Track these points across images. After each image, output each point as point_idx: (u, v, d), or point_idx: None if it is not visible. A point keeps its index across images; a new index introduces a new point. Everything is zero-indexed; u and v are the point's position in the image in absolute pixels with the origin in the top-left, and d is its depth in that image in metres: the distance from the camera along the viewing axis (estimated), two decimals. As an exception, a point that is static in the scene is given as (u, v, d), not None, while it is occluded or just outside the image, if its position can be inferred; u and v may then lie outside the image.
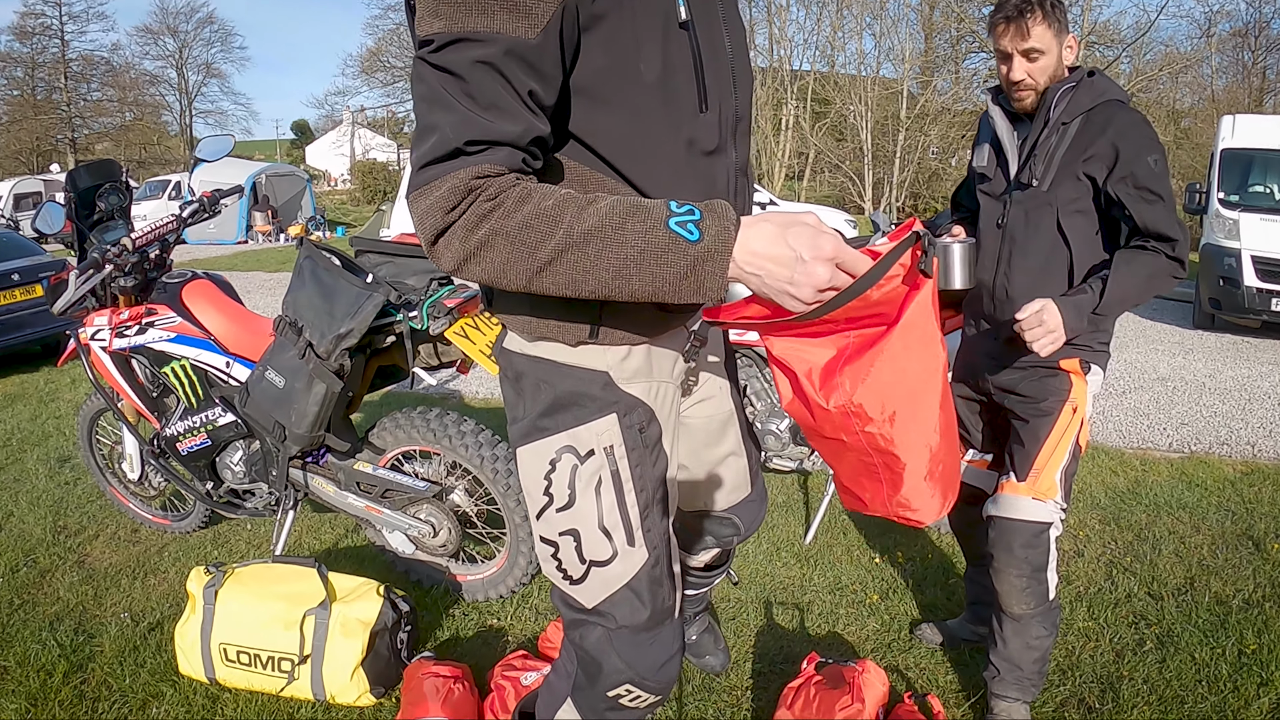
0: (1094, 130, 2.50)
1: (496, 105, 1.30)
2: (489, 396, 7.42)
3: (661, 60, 1.42)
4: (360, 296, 3.15)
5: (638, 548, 1.68)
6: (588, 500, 1.64)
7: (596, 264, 1.31)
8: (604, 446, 1.63)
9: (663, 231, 1.30)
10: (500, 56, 1.28)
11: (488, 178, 1.31)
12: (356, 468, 3.53)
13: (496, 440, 3.49)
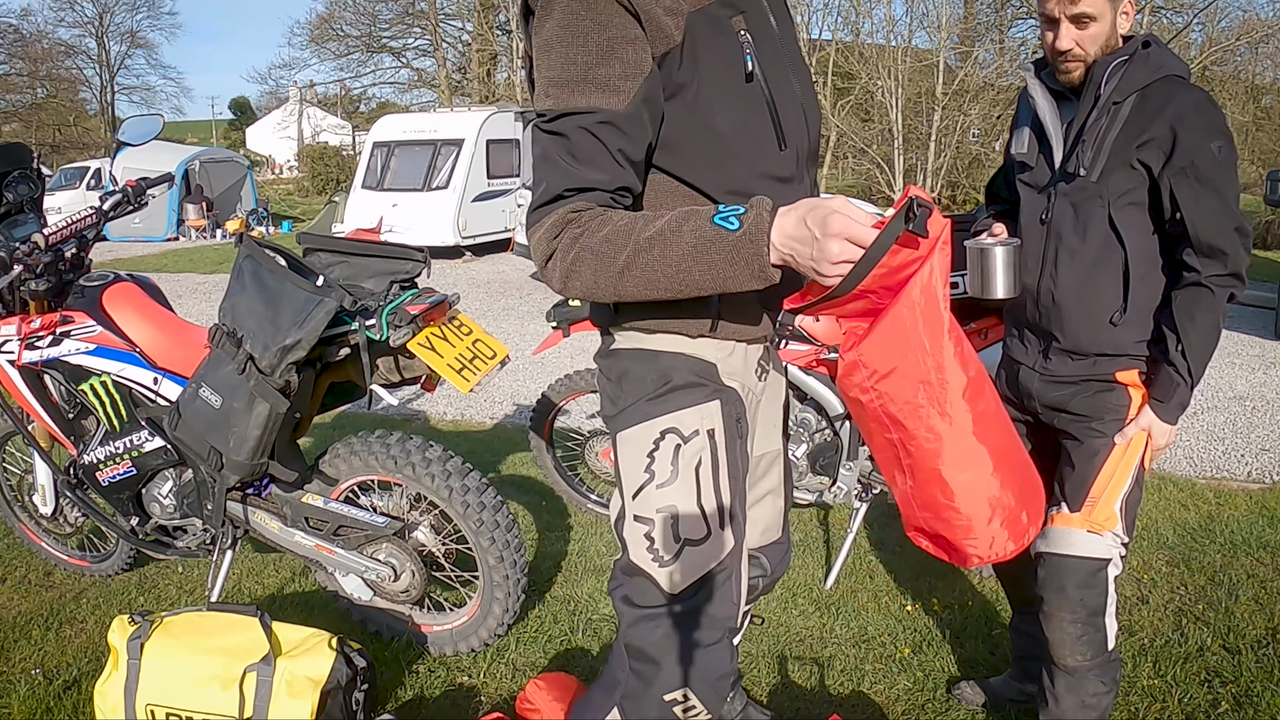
0: (1150, 111, 2.51)
1: (592, 161, 1.84)
2: (458, 418, 7.43)
3: (737, 112, 1.93)
4: (309, 302, 3.16)
5: (728, 533, 2.03)
6: (688, 479, 2.00)
7: (662, 262, 1.78)
8: (707, 429, 2.02)
9: (709, 226, 1.75)
10: (595, 125, 1.83)
11: (580, 211, 1.84)
12: (305, 501, 3.54)
13: (467, 469, 3.50)
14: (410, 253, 3.39)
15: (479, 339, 3.42)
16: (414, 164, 18.70)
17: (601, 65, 1.83)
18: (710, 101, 1.91)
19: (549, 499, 5.29)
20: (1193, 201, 2.47)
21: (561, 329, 4.64)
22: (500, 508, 3.49)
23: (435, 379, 3.57)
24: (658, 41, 1.86)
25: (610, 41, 1.83)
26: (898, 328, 1.76)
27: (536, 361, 9.05)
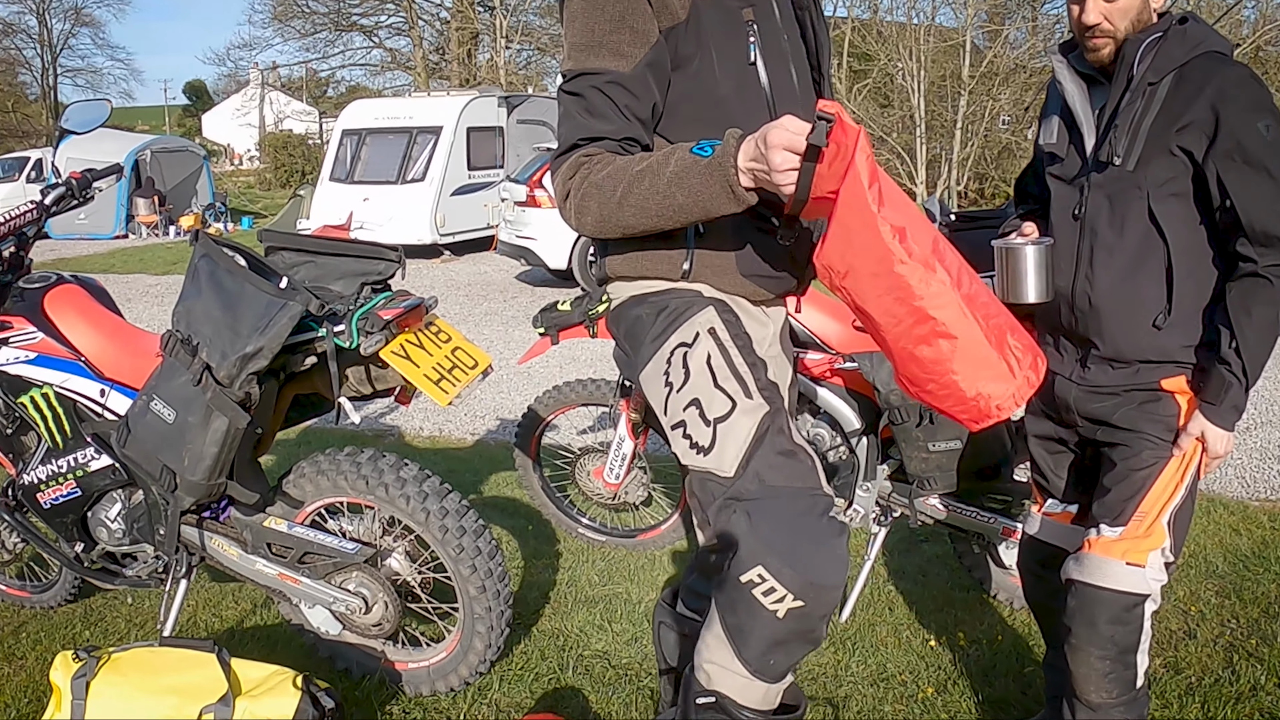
0: (1189, 91, 2.51)
1: (602, 114, 2.33)
2: (435, 434, 7.43)
3: (736, 88, 2.39)
4: (271, 306, 3.17)
5: (755, 399, 2.36)
6: (702, 372, 2.39)
7: (651, 190, 2.24)
8: (706, 329, 2.42)
9: (688, 156, 2.21)
10: (605, 84, 2.32)
11: (591, 155, 2.32)
12: (267, 525, 3.54)
13: (446, 490, 3.50)
14: (383, 252, 3.40)
15: (459, 347, 3.43)
16: (387, 154, 18.72)
17: (614, 33, 2.32)
18: (713, 71, 2.37)
19: (536, 523, 5.30)
20: (1242, 186, 2.47)
21: (550, 335, 4.65)
22: (482, 532, 3.50)
23: (410, 391, 3.58)
24: (663, 16, 2.34)
25: (622, 13, 2.32)
26: (840, 231, 2.12)
27: (522, 372, 9.06)
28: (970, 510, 4.06)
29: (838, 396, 4.17)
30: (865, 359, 3.94)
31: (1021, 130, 30.77)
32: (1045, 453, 2.99)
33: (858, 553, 4.81)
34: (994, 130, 30.77)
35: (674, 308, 2.47)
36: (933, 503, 4.09)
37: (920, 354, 2.19)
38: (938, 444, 3.82)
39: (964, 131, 30.13)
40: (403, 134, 18.76)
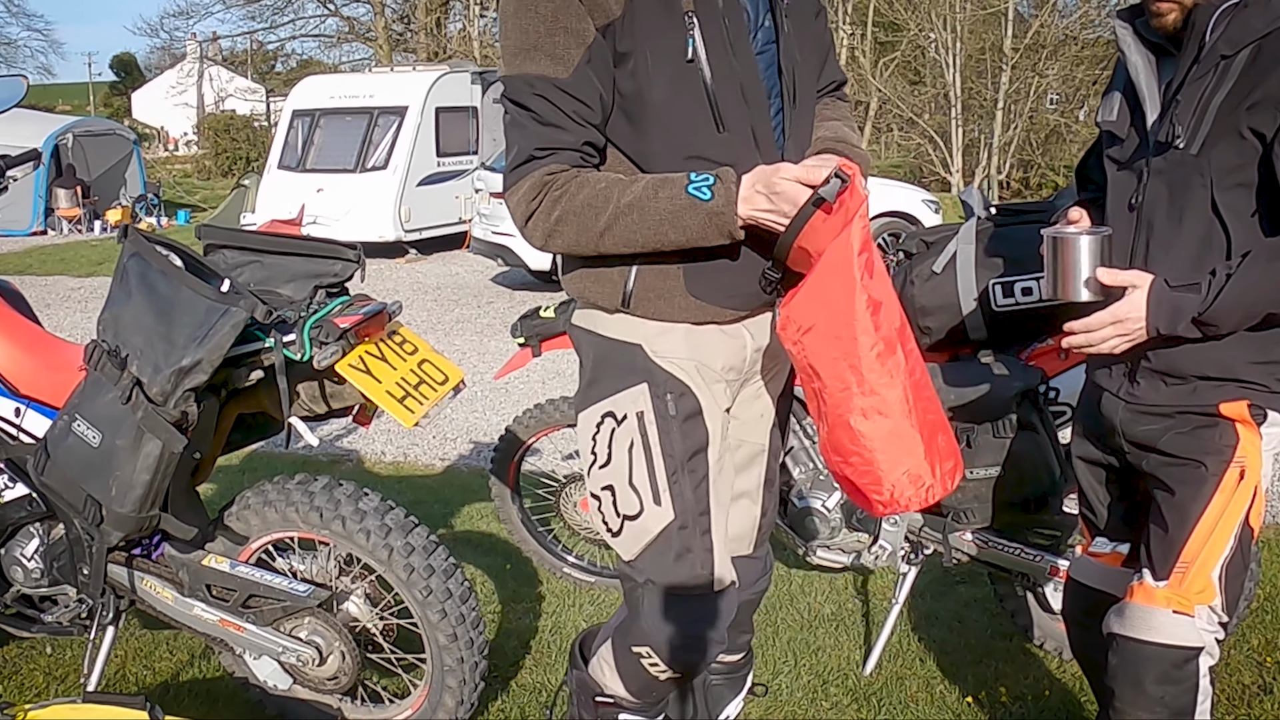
0: (1266, 65, 2.47)
1: (553, 122, 2.51)
2: (399, 459, 7.43)
3: (672, 89, 2.53)
4: (212, 312, 3.17)
5: (664, 507, 2.69)
6: (621, 459, 2.71)
7: (640, 225, 2.49)
8: (636, 412, 2.70)
9: (684, 196, 2.47)
10: (548, 90, 2.49)
11: (555, 174, 2.52)
12: (207, 564, 3.54)
13: (412, 524, 3.50)
14: (340, 251, 3.40)
15: (426, 359, 3.43)
16: (344, 138, 18.72)
17: (549, 35, 2.49)
18: (647, 73, 2.53)
19: (515, 561, 5.30)
20: None
21: (531, 346, 4.65)
22: (453, 572, 3.50)
23: (371, 410, 3.58)
24: (597, 13, 2.48)
25: (554, 13, 2.48)
26: (816, 288, 2.44)
27: (499, 388, 9.06)
28: (1013, 547, 4.06)
29: (861, 416, 4.17)
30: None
31: (1072, 110, 30.78)
32: (1093, 481, 2.98)
33: (884, 595, 4.81)
34: (1040, 110, 30.76)
35: (613, 363, 2.76)
36: (969, 538, 4.09)
37: (855, 424, 2.51)
38: (975, 470, 3.82)
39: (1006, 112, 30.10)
40: (362, 115, 18.76)
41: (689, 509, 2.71)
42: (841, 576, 5.04)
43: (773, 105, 2.68)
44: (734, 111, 2.58)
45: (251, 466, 6.90)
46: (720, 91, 2.56)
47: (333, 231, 16.52)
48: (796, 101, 2.70)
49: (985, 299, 3.81)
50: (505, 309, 13.34)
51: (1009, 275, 3.78)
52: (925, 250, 4.01)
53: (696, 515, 2.72)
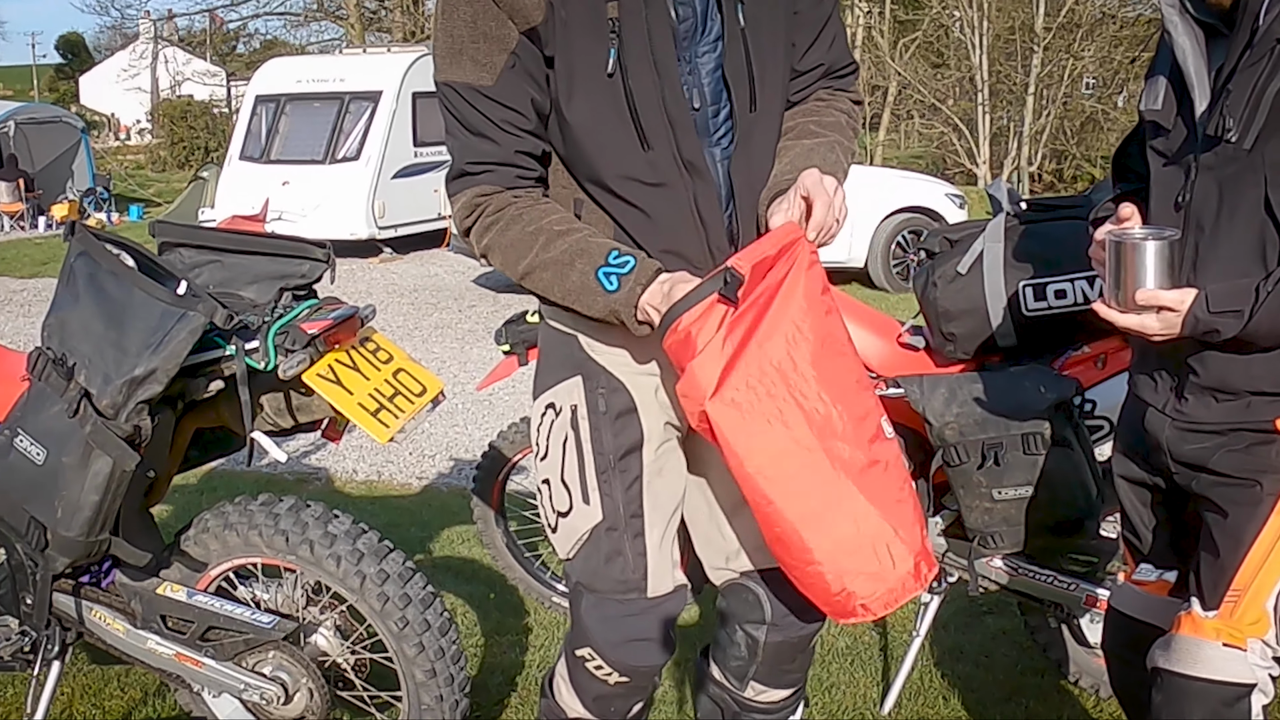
0: None
1: (482, 133, 2.61)
2: (373, 478, 7.43)
3: (592, 106, 2.60)
4: (167, 317, 3.16)
5: (592, 506, 2.81)
6: (557, 453, 2.85)
7: (551, 287, 2.64)
8: (570, 405, 2.82)
9: (593, 277, 2.57)
10: (475, 98, 2.59)
11: (487, 196, 2.65)
12: (162, 593, 3.53)
13: (386, 549, 3.50)
14: (307, 249, 3.40)
15: (402, 369, 3.43)
16: (312, 126, 18.74)
17: (472, 41, 2.57)
18: (568, 89, 2.61)
19: (499, 589, 5.30)
20: None
21: (516, 354, 4.64)
22: (431, 602, 3.50)
23: (341, 424, 3.58)
24: (516, 17, 2.55)
25: (474, 17, 2.55)
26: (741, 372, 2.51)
27: (482, 399, 9.07)
28: (1045, 574, 4.06)
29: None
30: (912, 384, 3.93)
31: (1109, 96, 30.79)
32: (1136, 502, 2.97)
33: (904, 627, 4.80)
34: (1075, 96, 30.77)
35: (556, 354, 2.90)
36: (998, 564, 4.09)
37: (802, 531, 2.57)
38: (1005, 490, 3.82)
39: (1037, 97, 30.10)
40: (331, 101, 18.77)
41: (618, 510, 2.81)
42: (857, 607, 5.03)
43: (720, 112, 2.69)
44: (657, 130, 2.62)
45: (211, 486, 6.90)
46: (642, 108, 2.60)
47: (300, 229, 16.50)
48: (757, 105, 2.71)
49: (1015, 303, 3.81)
50: (489, 313, 13.35)
51: (1041, 276, 3.78)
52: (949, 249, 4.01)
53: (627, 518, 2.81)
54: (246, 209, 17.24)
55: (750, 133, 2.70)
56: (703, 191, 2.68)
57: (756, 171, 2.72)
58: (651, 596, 2.85)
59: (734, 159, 2.71)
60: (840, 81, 2.92)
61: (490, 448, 5.09)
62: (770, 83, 2.72)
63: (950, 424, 3.81)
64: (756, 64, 2.68)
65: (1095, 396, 3.89)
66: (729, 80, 2.67)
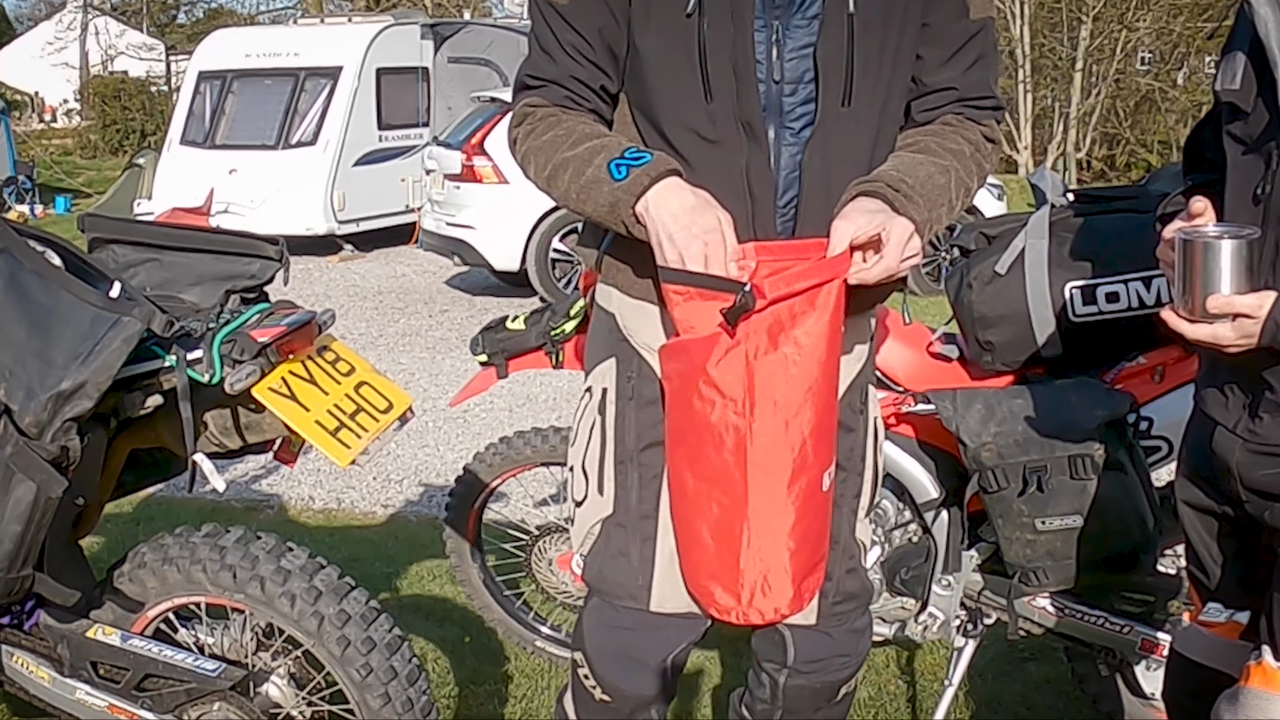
0: None
1: (547, 50, 2.86)
2: (331, 506, 7.43)
3: (666, 44, 2.75)
4: (98, 323, 3.16)
5: (605, 497, 2.97)
6: (583, 437, 3.02)
7: (569, 187, 2.77)
8: (601, 388, 2.99)
9: (605, 169, 2.69)
10: (549, 11, 2.83)
11: (535, 108, 2.86)
12: (92, 636, 3.53)
13: (347, 586, 3.49)
14: (257, 246, 3.41)
15: (365, 382, 3.43)
16: (263, 107, 18.75)
17: None
18: (644, 20, 2.77)
19: (475, 633, 5.30)
20: None
21: (495, 365, 4.63)
22: (398, 647, 3.49)
23: (296, 444, 3.58)
24: None
25: None
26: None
27: (455, 417, 9.07)
28: (1095, 615, 4.06)
29: (906, 453, 4.17)
30: (944, 399, 3.93)
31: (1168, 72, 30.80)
32: (1203, 533, 2.97)
33: (935, 675, 4.81)
34: (1129, 73, 30.79)
35: (597, 332, 3.08)
36: (1042, 604, 4.09)
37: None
38: (1049, 520, 3.81)
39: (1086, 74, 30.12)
40: (285, 78, 18.78)
41: (631, 507, 2.95)
42: (882, 652, 5.03)
43: (798, 92, 2.77)
44: (722, 82, 2.74)
45: (148, 515, 6.89)
46: (711, 55, 2.73)
47: (249, 223, 16.55)
48: (850, 101, 2.75)
49: (1061, 307, 3.81)
50: (463, 319, 13.36)
51: (1091, 277, 3.78)
52: (986, 246, 4.02)
53: (639, 518, 2.94)
54: (188, 200, 17.33)
55: (836, 128, 2.76)
56: (757, 161, 2.78)
57: (835, 171, 2.77)
58: (654, 611, 2.94)
59: (809, 149, 2.78)
60: (974, 111, 2.93)
61: (465, 471, 5.08)
62: (871, 82, 2.77)
63: (988, 445, 3.81)
64: (859, 58, 2.73)
65: (1152, 413, 3.89)
66: (819, 64, 2.73)
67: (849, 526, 3.09)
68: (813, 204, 2.79)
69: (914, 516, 4.23)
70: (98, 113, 40.12)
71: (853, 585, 3.11)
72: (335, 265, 17.69)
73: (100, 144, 39.15)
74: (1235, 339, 2.53)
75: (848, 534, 3.08)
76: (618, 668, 3.01)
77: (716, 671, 4.84)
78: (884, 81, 2.79)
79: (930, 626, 4.21)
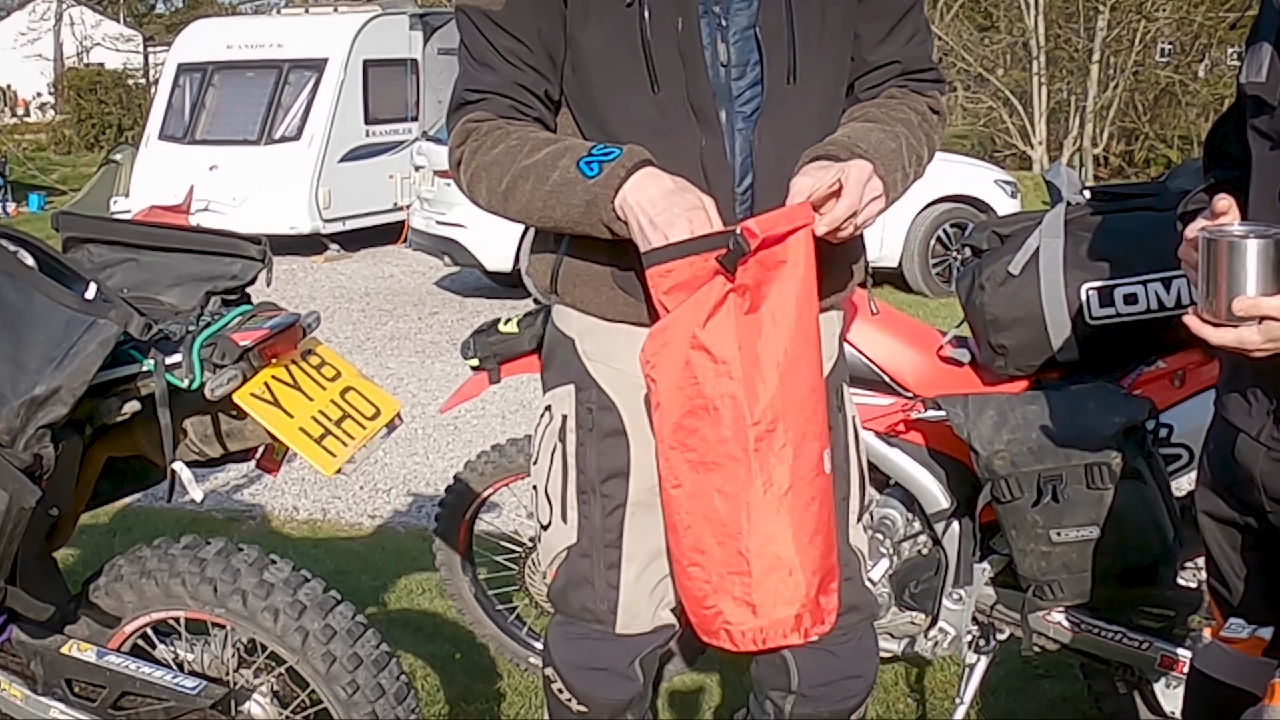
0: None
1: (485, 61, 2.86)
2: (316, 516, 7.43)
3: (609, 36, 2.78)
4: (73, 326, 3.16)
5: (569, 526, 3.04)
6: (544, 461, 3.07)
7: (533, 194, 2.77)
8: (561, 414, 3.03)
9: (574, 169, 2.70)
10: (482, 20, 2.83)
11: (479, 122, 2.86)
12: (67, 653, 3.52)
13: (333, 600, 3.49)
14: (239, 246, 3.40)
15: (352, 388, 3.43)
16: (245, 100, 18.75)
17: None
18: (583, 14, 2.80)
19: (466, 648, 5.31)
20: None
21: (487, 370, 4.61)
22: (386, 664, 3.49)
23: (279, 453, 3.58)
24: None
25: None
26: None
27: (446, 424, 9.07)
28: (1113, 631, 4.06)
29: (915, 461, 4.17)
30: (955, 405, 3.93)
31: (1189, 64, 30.79)
32: (1225, 545, 2.96)
33: (945, 693, 4.81)
34: (1148, 65, 30.75)
35: (554, 355, 3.12)
36: (1057, 619, 4.09)
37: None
38: (1065, 531, 3.81)
39: (1103, 67, 30.10)
40: (268, 70, 18.78)
41: (595, 536, 3.02)
42: (890, 669, 5.03)
43: (745, 75, 2.83)
44: (670, 70, 2.80)
45: (125, 526, 6.90)
46: (656, 43, 2.77)
47: (230, 221, 16.53)
48: (795, 78, 2.83)
49: (1077, 309, 3.81)
50: (454, 321, 13.36)
51: (1108, 278, 3.78)
52: (999, 246, 4.02)
53: (602, 546, 3.02)
54: (167, 198, 17.27)
55: (783, 106, 2.84)
56: (712, 149, 2.84)
57: (787, 150, 2.81)
58: (620, 633, 3.06)
59: (760, 130, 2.85)
60: (918, 84, 3.03)
61: (456, 481, 5.07)
62: (814, 58, 2.84)
63: (1000, 453, 3.80)
64: (800, 33, 2.80)
65: (1172, 420, 3.88)
66: (761, 43, 2.80)
67: (843, 533, 3.07)
68: (768, 186, 2.84)
69: (924, 528, 4.23)
70: (73, 107, 40.04)
71: (853, 596, 3.08)
72: (320, 266, 17.69)
73: (75, 139, 39.09)
74: (1261, 343, 2.51)
75: (843, 541, 3.06)
76: (588, 678, 3.09)
77: (718, 693, 4.84)
78: (827, 56, 2.88)
79: (941, 642, 4.21)
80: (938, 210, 14.45)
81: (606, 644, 3.07)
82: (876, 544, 4.26)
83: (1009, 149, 30.57)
